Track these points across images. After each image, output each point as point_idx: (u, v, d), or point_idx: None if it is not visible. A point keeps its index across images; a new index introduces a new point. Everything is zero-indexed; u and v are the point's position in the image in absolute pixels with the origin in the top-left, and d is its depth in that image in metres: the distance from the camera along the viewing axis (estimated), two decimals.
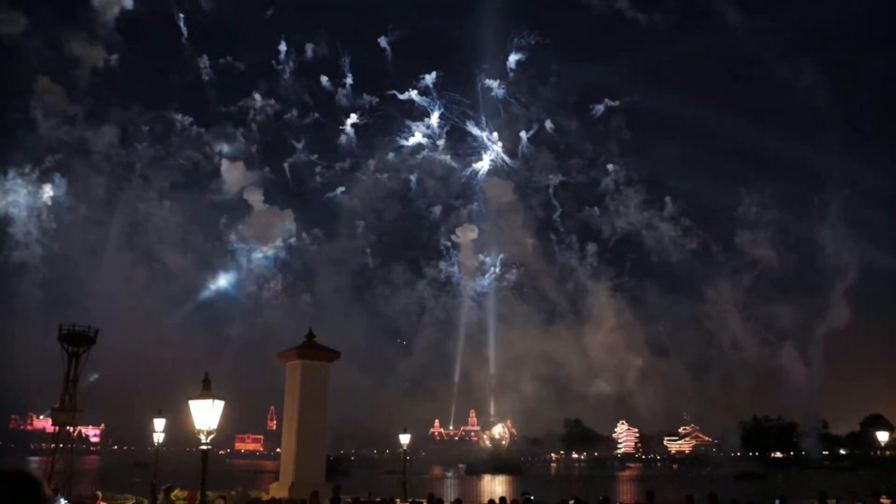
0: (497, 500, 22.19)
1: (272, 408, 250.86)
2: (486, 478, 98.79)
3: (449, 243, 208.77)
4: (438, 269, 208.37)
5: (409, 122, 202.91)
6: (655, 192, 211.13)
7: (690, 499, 24.58)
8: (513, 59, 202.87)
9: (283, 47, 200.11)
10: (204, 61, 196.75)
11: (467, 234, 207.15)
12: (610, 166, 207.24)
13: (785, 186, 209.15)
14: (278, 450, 47.06)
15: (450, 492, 52.46)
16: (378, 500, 28.96)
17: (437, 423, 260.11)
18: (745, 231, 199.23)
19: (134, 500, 37.37)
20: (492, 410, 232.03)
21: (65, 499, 29.25)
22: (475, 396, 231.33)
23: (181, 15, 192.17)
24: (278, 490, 33.34)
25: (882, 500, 27.45)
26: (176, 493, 27.73)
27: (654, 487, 29.70)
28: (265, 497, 32.90)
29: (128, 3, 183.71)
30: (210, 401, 15.31)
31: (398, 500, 29.12)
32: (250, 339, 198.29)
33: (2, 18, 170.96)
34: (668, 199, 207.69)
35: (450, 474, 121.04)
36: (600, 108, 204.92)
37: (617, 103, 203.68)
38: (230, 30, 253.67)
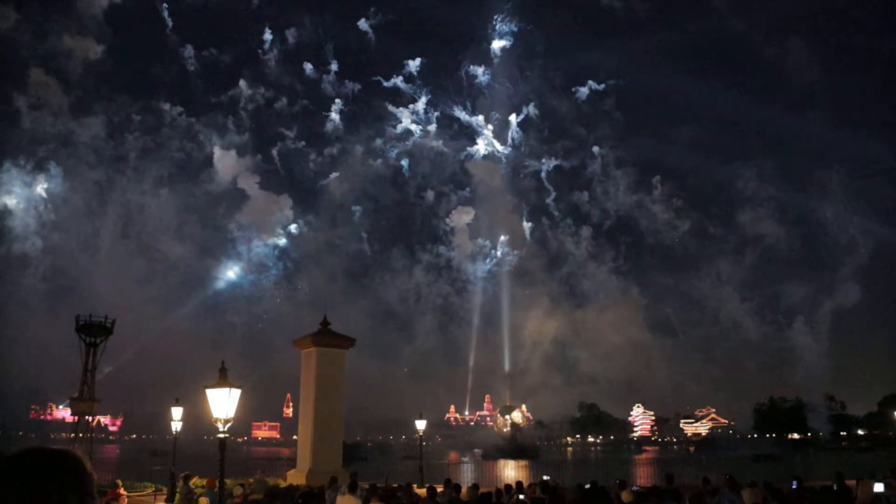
0: (514, 485, 22.19)
1: (288, 395, 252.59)
2: (503, 462, 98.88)
3: (447, 228, 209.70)
4: (438, 253, 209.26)
5: (397, 109, 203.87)
6: (649, 173, 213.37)
7: (707, 481, 24.52)
8: (496, 45, 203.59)
9: (267, 36, 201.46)
10: (189, 51, 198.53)
11: (463, 219, 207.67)
12: (600, 149, 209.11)
13: (783, 162, 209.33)
14: (295, 437, 47.24)
15: (467, 477, 52.58)
16: (395, 485, 29.05)
17: (452, 408, 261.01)
18: (745, 209, 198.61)
19: (153, 488, 37.70)
20: (507, 395, 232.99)
21: None
22: (488, 382, 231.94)
23: (164, 5, 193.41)
24: (296, 476, 33.52)
25: None
26: (195, 480, 27.88)
27: (671, 470, 29.64)
28: (283, 484, 33.07)
29: None
30: (227, 389, 15.34)
31: (415, 485, 29.20)
32: (260, 327, 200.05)
33: None
34: (656, 179, 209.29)
35: (466, 459, 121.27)
36: (587, 91, 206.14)
37: (602, 87, 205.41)
38: (214, 19, 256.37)
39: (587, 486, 23.76)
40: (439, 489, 22.32)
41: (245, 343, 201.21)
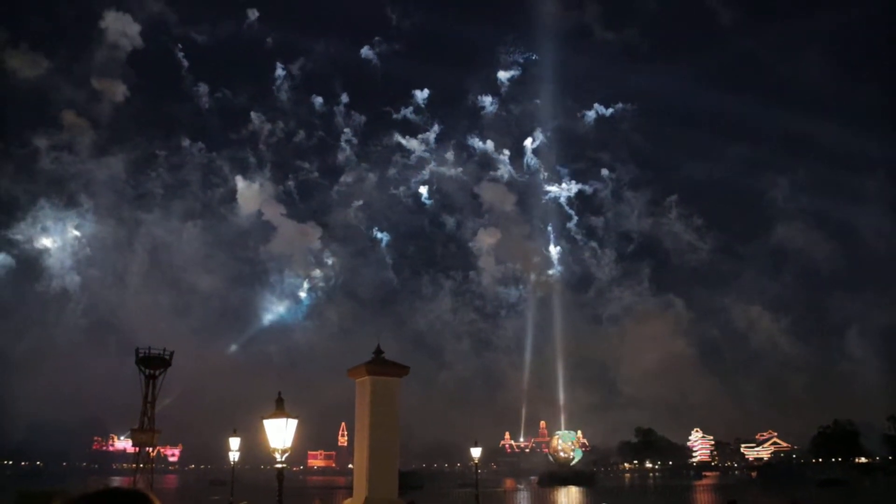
0: None
1: (343, 423, 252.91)
2: (559, 490, 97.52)
3: (473, 254, 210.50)
4: (465, 279, 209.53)
5: (408, 139, 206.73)
6: (667, 193, 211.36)
7: None
8: (503, 74, 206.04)
9: (280, 72, 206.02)
10: (204, 89, 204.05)
11: (487, 244, 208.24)
12: (611, 173, 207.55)
13: (812, 173, 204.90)
14: (351, 465, 47.27)
15: None
16: None
17: (507, 435, 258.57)
18: (778, 223, 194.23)
19: None
20: (562, 421, 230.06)
21: None
22: (534, 407, 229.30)
23: (179, 46, 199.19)
24: None
25: None
26: None
27: (734, 497, 28.86)
28: None
29: (138, 41, 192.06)
30: (284, 420, 15.42)
31: None
32: (302, 356, 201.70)
33: (25, 61, 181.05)
34: (671, 199, 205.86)
35: (522, 487, 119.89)
36: (594, 115, 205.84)
37: (609, 112, 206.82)
38: (226, 57, 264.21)
39: None
40: None
41: (290, 372, 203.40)
